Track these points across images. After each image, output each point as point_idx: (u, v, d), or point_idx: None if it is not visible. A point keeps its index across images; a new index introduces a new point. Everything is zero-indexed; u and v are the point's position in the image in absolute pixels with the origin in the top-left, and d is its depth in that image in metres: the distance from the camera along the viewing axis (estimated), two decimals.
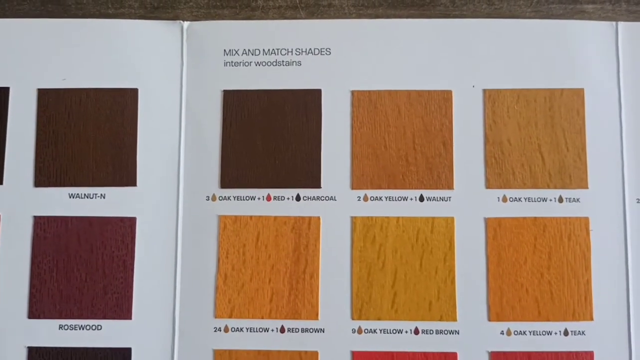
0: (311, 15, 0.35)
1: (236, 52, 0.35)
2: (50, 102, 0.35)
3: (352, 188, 0.35)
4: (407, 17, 0.35)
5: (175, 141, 0.35)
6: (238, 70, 0.35)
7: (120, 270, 0.34)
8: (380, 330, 0.34)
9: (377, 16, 0.35)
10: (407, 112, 0.35)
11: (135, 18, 0.36)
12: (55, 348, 0.33)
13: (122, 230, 0.34)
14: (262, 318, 0.34)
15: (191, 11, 0.36)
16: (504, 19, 0.35)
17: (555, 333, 0.33)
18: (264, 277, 0.34)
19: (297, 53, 0.35)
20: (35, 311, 0.34)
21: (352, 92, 0.35)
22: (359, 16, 0.36)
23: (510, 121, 0.35)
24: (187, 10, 0.36)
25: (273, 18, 0.36)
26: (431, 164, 0.35)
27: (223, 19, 0.36)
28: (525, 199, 0.34)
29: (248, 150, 0.35)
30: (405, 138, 0.35)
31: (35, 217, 0.34)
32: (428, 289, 0.34)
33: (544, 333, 0.33)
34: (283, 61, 0.35)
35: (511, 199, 0.34)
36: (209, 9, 0.36)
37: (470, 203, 0.34)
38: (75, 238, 0.34)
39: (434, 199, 0.34)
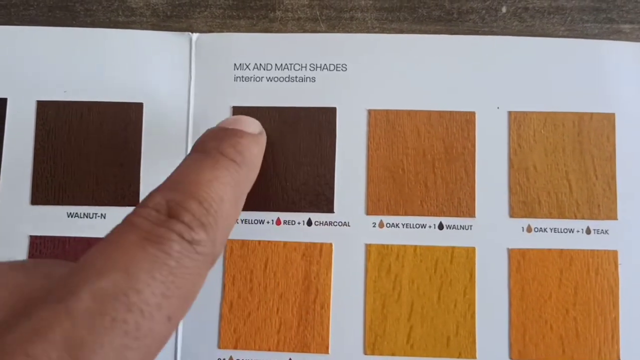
0: (332, 28, 0.34)
1: (247, 66, 0.33)
2: (50, 115, 0.33)
3: (367, 213, 0.33)
4: (434, 32, 0.33)
5: (181, 159, 0.33)
6: (249, 86, 0.33)
7: None
8: None
9: (401, 31, 0.33)
10: (427, 133, 0.33)
11: (146, 27, 0.34)
12: None
13: None
14: (269, 350, 0.32)
15: (205, 21, 0.34)
16: (532, 37, 0.33)
17: None
18: (271, 306, 0.32)
19: (312, 69, 0.33)
20: None
21: (369, 111, 0.33)
22: (382, 30, 0.34)
23: (537, 146, 0.33)
24: (201, 20, 0.34)
25: (292, 30, 0.34)
26: (452, 190, 0.33)
27: (239, 30, 0.34)
28: (551, 230, 0.32)
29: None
30: (425, 161, 0.33)
31: (31, 236, 0.32)
32: (446, 323, 0.32)
33: None
34: (296, 77, 0.33)
35: (536, 229, 0.32)
36: (224, 19, 0.34)
37: (492, 232, 0.32)
38: (73, 260, 0.32)
39: (454, 227, 0.32)
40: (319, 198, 0.33)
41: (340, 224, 0.33)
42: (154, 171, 0.33)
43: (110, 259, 0.21)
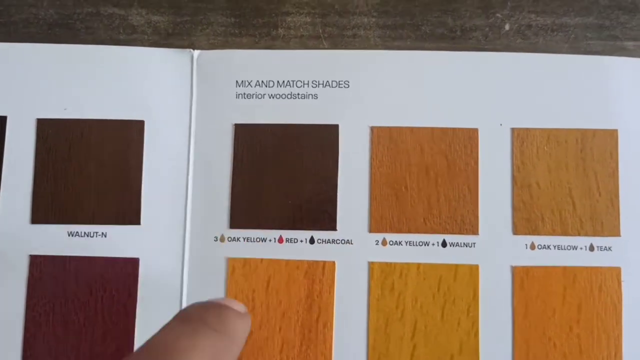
0: (335, 45, 0.33)
1: (249, 83, 0.33)
2: (50, 133, 0.33)
3: (370, 231, 0.32)
4: (437, 50, 0.33)
5: (182, 177, 0.33)
6: (250, 103, 0.33)
7: (121, 315, 0.32)
8: None
9: (404, 48, 0.33)
10: (430, 150, 0.33)
11: (147, 45, 0.33)
12: None
13: (124, 271, 0.32)
14: None
15: (208, 39, 0.33)
16: (535, 53, 0.33)
17: None
18: (274, 325, 0.32)
19: (314, 85, 0.33)
20: (30, 357, 0.32)
21: (372, 128, 0.33)
22: (385, 48, 0.33)
23: (540, 163, 0.33)
24: (203, 37, 0.33)
25: (294, 48, 0.33)
26: (455, 207, 0.32)
27: (241, 47, 0.34)
28: (555, 247, 0.32)
29: (260, 188, 0.33)
30: (428, 179, 0.33)
31: (31, 256, 0.32)
32: (450, 342, 0.32)
33: None
34: (298, 94, 0.33)
35: (539, 247, 0.32)
36: (226, 37, 0.33)
37: (496, 250, 0.32)
38: (74, 279, 0.32)
39: (457, 244, 0.32)
40: (322, 216, 0.32)
41: (343, 241, 0.32)
42: (155, 189, 0.33)
43: None
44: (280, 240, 0.32)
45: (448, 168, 0.33)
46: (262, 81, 0.33)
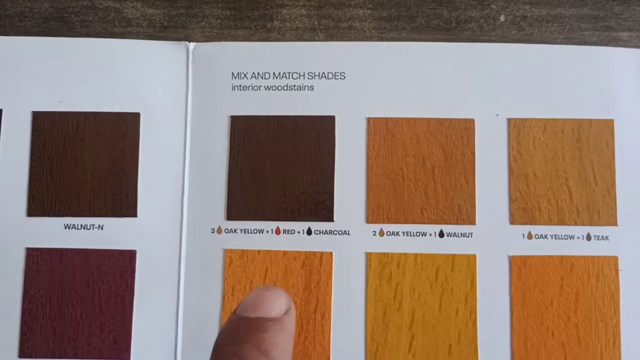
0: (330, 37, 0.33)
1: (245, 75, 0.33)
2: (46, 126, 0.33)
3: (367, 222, 0.32)
4: (432, 41, 0.33)
5: (179, 169, 0.33)
6: (246, 95, 0.33)
7: (119, 307, 0.32)
8: None
9: (399, 40, 0.33)
10: (426, 141, 0.33)
11: (143, 38, 0.33)
12: None
13: (121, 264, 0.32)
14: None
15: (203, 31, 0.33)
16: (532, 44, 0.33)
17: None
18: None
19: (310, 77, 0.33)
20: (27, 350, 0.31)
21: (368, 119, 0.33)
22: (381, 39, 0.33)
23: (536, 153, 0.33)
24: (198, 30, 0.33)
25: (290, 40, 0.33)
26: (452, 197, 0.33)
27: (237, 40, 0.34)
28: (552, 236, 0.32)
29: (256, 179, 0.33)
30: (425, 169, 0.33)
31: (27, 249, 0.32)
32: (448, 331, 0.32)
33: None
34: (294, 85, 0.33)
35: (537, 236, 0.32)
36: (222, 30, 0.33)
37: (493, 240, 0.32)
38: (71, 272, 0.32)
39: (454, 234, 0.32)
40: (319, 207, 0.32)
41: (340, 232, 0.32)
42: (151, 181, 0.33)
43: None
44: (278, 231, 0.32)
45: (445, 159, 0.33)
46: (258, 73, 0.33)
